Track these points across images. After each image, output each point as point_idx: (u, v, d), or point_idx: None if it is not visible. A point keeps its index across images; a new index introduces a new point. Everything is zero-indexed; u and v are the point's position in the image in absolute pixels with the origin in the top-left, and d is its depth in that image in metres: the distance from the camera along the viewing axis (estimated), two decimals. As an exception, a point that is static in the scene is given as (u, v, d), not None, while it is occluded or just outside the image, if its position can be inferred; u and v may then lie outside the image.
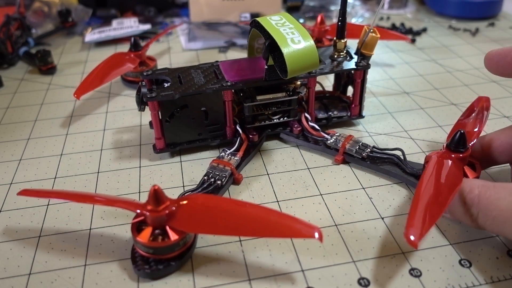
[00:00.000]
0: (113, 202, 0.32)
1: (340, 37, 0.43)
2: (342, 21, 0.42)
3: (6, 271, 0.31)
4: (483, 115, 0.37)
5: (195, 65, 0.43)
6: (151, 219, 0.30)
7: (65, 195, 0.34)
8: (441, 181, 0.31)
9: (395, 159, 0.39)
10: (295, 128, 0.43)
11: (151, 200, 0.30)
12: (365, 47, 0.43)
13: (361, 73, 0.44)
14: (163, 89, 0.39)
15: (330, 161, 0.42)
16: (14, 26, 0.65)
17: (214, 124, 0.42)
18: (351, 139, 0.41)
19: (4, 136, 0.47)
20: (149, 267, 0.30)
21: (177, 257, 0.31)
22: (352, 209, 0.36)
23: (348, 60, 0.44)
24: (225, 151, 0.40)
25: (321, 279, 0.30)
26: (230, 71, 0.42)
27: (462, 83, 0.55)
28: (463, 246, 0.32)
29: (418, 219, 0.28)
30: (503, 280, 0.30)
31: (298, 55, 0.37)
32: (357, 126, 0.47)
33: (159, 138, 0.41)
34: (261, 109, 0.42)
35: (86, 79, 0.49)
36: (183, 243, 0.31)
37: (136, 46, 0.55)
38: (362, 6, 0.81)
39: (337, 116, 0.46)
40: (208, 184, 0.37)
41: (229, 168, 0.38)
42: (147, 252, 0.31)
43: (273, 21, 0.39)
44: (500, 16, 0.77)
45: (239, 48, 0.67)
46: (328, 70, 0.43)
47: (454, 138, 0.34)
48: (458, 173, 0.32)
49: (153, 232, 0.30)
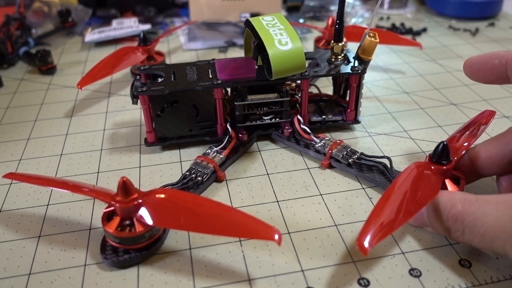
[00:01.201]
0: (86, 191, 0.33)
1: (337, 40, 0.43)
2: (339, 24, 0.42)
3: (6, 271, 0.31)
4: (478, 130, 0.36)
5: (192, 62, 0.44)
6: (119, 209, 0.31)
7: (45, 181, 0.35)
8: (413, 190, 0.30)
9: (380, 166, 0.38)
10: (286, 130, 0.43)
11: (120, 191, 0.31)
12: (363, 52, 0.42)
13: (357, 78, 0.43)
14: (155, 84, 0.40)
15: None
16: (14, 26, 0.65)
17: (205, 121, 0.42)
18: (339, 144, 0.41)
19: (4, 136, 0.47)
20: (116, 256, 0.31)
21: (144, 248, 0.32)
22: (352, 209, 0.36)
23: (345, 64, 0.43)
24: (212, 148, 0.41)
25: (321, 279, 0.30)
26: (224, 69, 0.42)
27: (462, 83, 0.55)
28: (463, 246, 0.32)
29: (374, 225, 0.27)
30: (503, 280, 0.30)
31: (284, 57, 0.37)
32: (357, 126, 0.47)
33: (150, 132, 0.42)
34: (252, 108, 0.43)
35: (92, 71, 0.49)
36: (148, 235, 0.31)
37: (145, 40, 0.55)
38: (362, 6, 0.81)
39: (331, 120, 0.45)
40: (189, 179, 0.38)
41: (212, 165, 0.39)
42: (114, 241, 0.31)
43: (264, 21, 0.39)
44: (500, 16, 0.77)
45: (239, 48, 0.67)
46: (322, 73, 0.42)
47: (437, 150, 0.33)
48: (435, 186, 0.31)
49: (121, 223, 0.31)
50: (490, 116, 0.38)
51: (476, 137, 0.36)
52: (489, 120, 0.37)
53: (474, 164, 0.34)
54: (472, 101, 0.51)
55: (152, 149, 0.44)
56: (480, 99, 0.51)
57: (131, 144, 0.45)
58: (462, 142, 0.35)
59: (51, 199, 0.38)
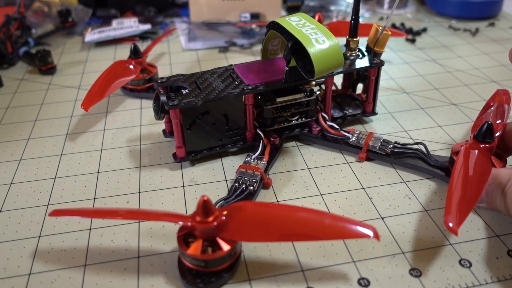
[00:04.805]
0: (160, 216, 0.31)
1: (353, 36, 0.44)
2: (355, 19, 0.43)
3: (6, 271, 0.31)
4: (504, 108, 0.38)
5: (209, 70, 0.42)
6: (201, 231, 0.29)
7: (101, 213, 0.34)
8: (472, 171, 0.32)
9: (419, 153, 0.40)
10: (314, 128, 0.43)
11: (200, 211, 0.29)
12: (377, 45, 0.43)
13: (375, 71, 0.44)
14: (184, 96, 0.38)
15: (330, 161, 0.42)
16: (14, 26, 0.65)
17: (234, 129, 0.41)
18: (373, 136, 0.42)
19: (4, 136, 0.47)
20: (201, 281, 0.30)
21: (228, 268, 0.30)
22: (352, 209, 0.36)
23: (360, 58, 0.44)
24: (250, 156, 0.40)
25: (321, 279, 0.30)
26: (248, 74, 0.41)
27: (462, 83, 0.55)
28: (463, 246, 0.32)
29: (454, 207, 0.29)
30: (503, 280, 0.30)
31: (324, 55, 0.36)
32: (357, 126, 0.47)
33: (180, 147, 0.40)
34: (280, 111, 0.42)
35: (91, 90, 0.47)
36: (233, 253, 0.30)
37: (136, 53, 0.52)
38: (362, 6, 0.81)
39: (352, 114, 0.46)
40: (241, 191, 0.36)
41: (259, 172, 0.38)
42: (198, 265, 0.30)
43: (293, 22, 0.38)
44: (500, 16, 0.77)
45: (239, 48, 0.67)
46: (344, 69, 0.43)
47: (481, 129, 0.35)
48: (487, 163, 0.33)
49: (203, 244, 0.29)
50: (506, 94, 0.40)
51: (507, 116, 0.37)
52: (508, 99, 0.39)
53: (506, 141, 0.37)
54: (472, 101, 0.51)
55: (152, 149, 0.44)
56: (480, 99, 0.51)
57: (131, 144, 0.45)
58: (493, 121, 0.37)
59: (51, 199, 0.38)
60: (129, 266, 0.32)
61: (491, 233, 0.33)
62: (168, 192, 0.38)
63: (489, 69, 0.58)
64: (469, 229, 0.34)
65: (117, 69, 0.51)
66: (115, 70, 0.51)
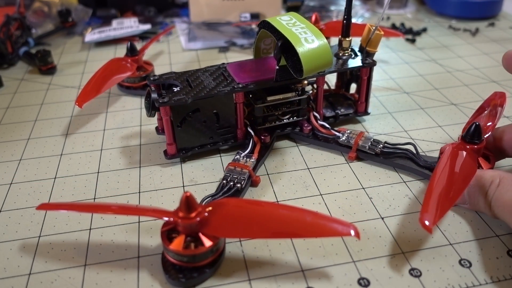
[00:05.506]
0: (143, 211, 0.32)
1: (345, 35, 0.44)
2: (347, 19, 0.43)
3: (6, 271, 0.31)
4: (497, 111, 0.38)
5: (202, 68, 0.43)
6: (184, 226, 0.29)
7: (89, 207, 0.34)
8: (455, 170, 0.32)
9: (408, 153, 0.40)
10: (305, 127, 0.43)
11: (183, 207, 0.29)
12: (369, 45, 0.43)
13: (367, 70, 0.44)
14: (175, 94, 0.39)
15: (330, 161, 0.42)
16: (14, 26, 0.65)
17: (225, 127, 0.42)
18: (362, 135, 0.42)
19: (4, 136, 0.47)
20: (183, 276, 0.30)
21: (211, 263, 0.30)
22: (352, 209, 0.36)
23: (352, 58, 0.44)
24: (240, 154, 0.40)
25: (321, 279, 0.30)
26: (239, 72, 0.41)
27: (462, 83, 0.55)
28: (463, 246, 0.32)
29: (432, 205, 0.29)
30: (503, 280, 0.30)
31: (313, 54, 0.36)
32: (357, 126, 0.47)
33: (170, 144, 0.40)
34: (271, 110, 0.42)
35: (86, 87, 0.47)
36: (216, 249, 0.30)
37: (132, 50, 0.53)
38: (362, 6, 0.81)
39: (344, 113, 0.46)
40: (228, 188, 0.37)
41: (247, 170, 0.38)
42: (180, 260, 0.30)
43: (283, 21, 0.38)
44: (500, 16, 0.77)
45: (239, 48, 0.67)
46: (336, 69, 0.43)
47: (469, 130, 0.35)
48: (473, 164, 0.33)
49: (185, 240, 0.29)
50: (502, 97, 0.40)
51: (498, 118, 0.37)
52: (503, 101, 0.39)
53: (497, 144, 0.37)
54: (472, 101, 0.51)
55: (152, 149, 0.44)
56: (480, 99, 0.51)
57: (131, 144, 0.45)
58: (485, 122, 0.37)
59: (51, 199, 0.38)
60: (129, 266, 0.32)
61: (491, 233, 0.33)
62: (168, 192, 0.38)
63: (489, 69, 0.58)
64: (469, 229, 0.34)
65: (113, 66, 0.52)
66: (111, 67, 0.51)
